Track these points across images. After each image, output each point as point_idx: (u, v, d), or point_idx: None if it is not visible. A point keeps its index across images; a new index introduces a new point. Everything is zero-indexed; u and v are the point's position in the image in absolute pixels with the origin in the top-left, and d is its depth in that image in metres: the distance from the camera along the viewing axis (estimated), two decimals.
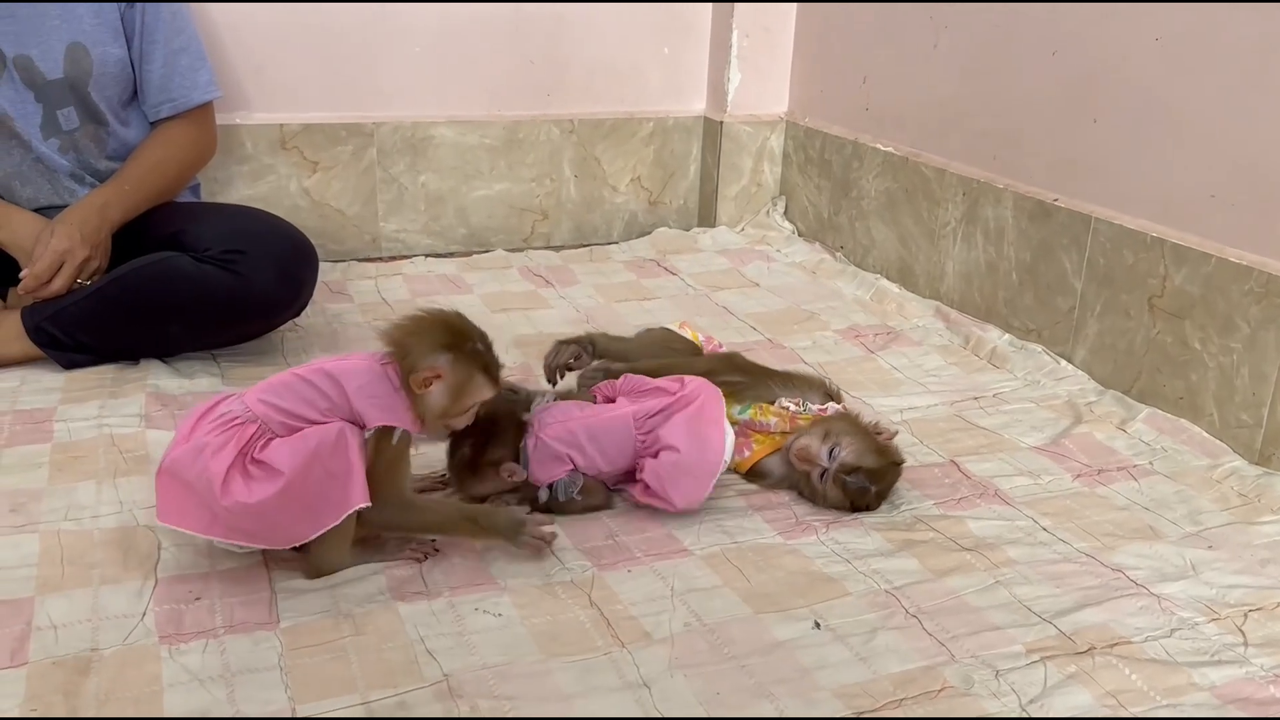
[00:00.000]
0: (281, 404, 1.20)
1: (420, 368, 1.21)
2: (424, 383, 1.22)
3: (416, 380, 1.21)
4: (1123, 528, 1.44)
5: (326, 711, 1.05)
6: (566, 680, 1.10)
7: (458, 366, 1.23)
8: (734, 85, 2.68)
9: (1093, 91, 1.92)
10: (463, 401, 1.25)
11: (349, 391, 1.20)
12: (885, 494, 1.47)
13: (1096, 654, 1.16)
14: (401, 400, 1.22)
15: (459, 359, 1.23)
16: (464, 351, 1.23)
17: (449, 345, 1.23)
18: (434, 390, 1.23)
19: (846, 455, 1.43)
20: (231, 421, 1.19)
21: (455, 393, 1.24)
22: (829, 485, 1.43)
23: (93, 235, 1.73)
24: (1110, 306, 1.88)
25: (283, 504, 1.16)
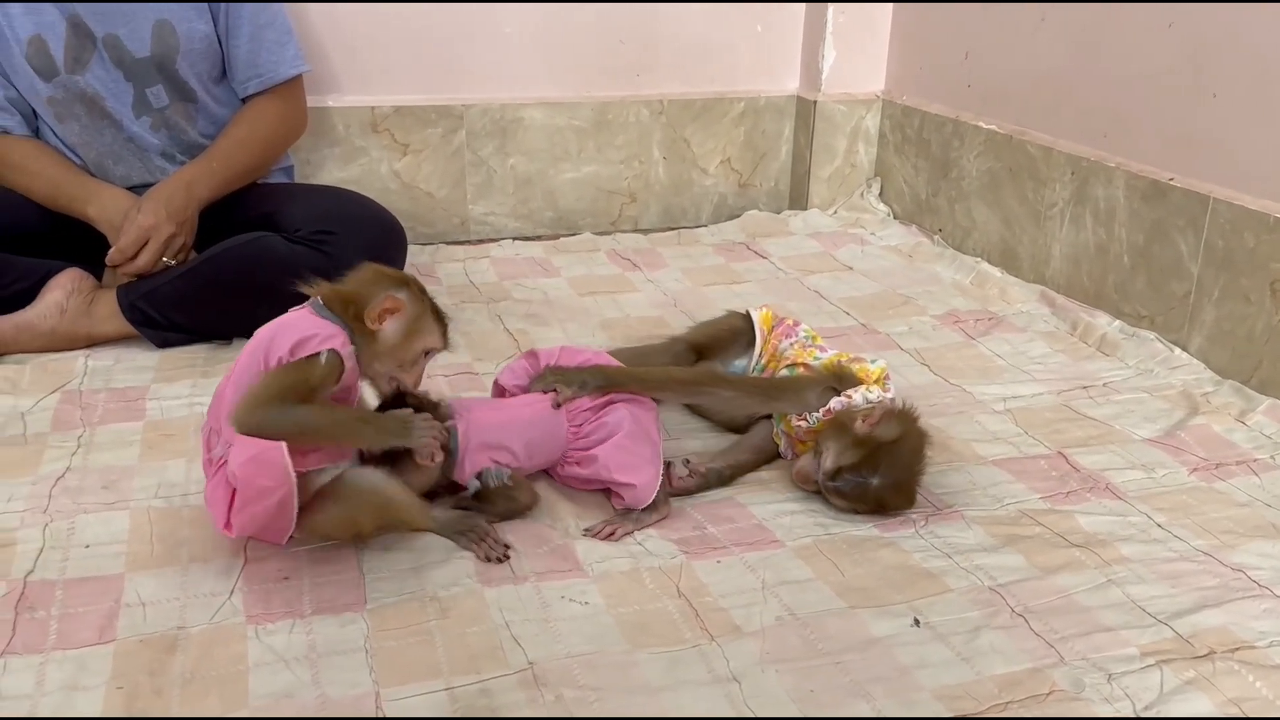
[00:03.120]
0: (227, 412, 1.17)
1: (376, 298, 1.20)
2: (379, 316, 1.20)
3: (372, 314, 1.20)
4: (1243, 525, 1.35)
5: (410, 695, 1.03)
6: (653, 672, 1.07)
7: (415, 302, 1.23)
8: (828, 63, 2.61)
9: (1211, 64, 1.81)
10: (414, 343, 1.24)
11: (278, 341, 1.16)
12: (903, 479, 1.34)
13: (1217, 658, 1.09)
14: (330, 329, 1.18)
15: (416, 296, 1.24)
16: (420, 292, 1.25)
17: (405, 282, 1.25)
18: (388, 325, 1.21)
19: (826, 461, 1.33)
20: (218, 465, 1.17)
21: (409, 329, 1.23)
22: (831, 497, 1.35)
23: (179, 212, 1.74)
24: (1229, 291, 1.78)
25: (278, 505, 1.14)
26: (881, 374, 1.47)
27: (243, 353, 1.20)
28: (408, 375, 1.26)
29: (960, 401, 1.70)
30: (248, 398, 1.14)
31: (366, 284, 1.23)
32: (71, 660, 1.06)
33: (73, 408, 1.58)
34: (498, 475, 1.31)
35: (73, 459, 1.44)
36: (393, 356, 1.23)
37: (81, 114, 1.82)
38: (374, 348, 1.22)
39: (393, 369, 1.24)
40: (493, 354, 1.82)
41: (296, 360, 1.15)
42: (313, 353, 1.16)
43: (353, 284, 1.23)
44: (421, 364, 1.27)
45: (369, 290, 1.21)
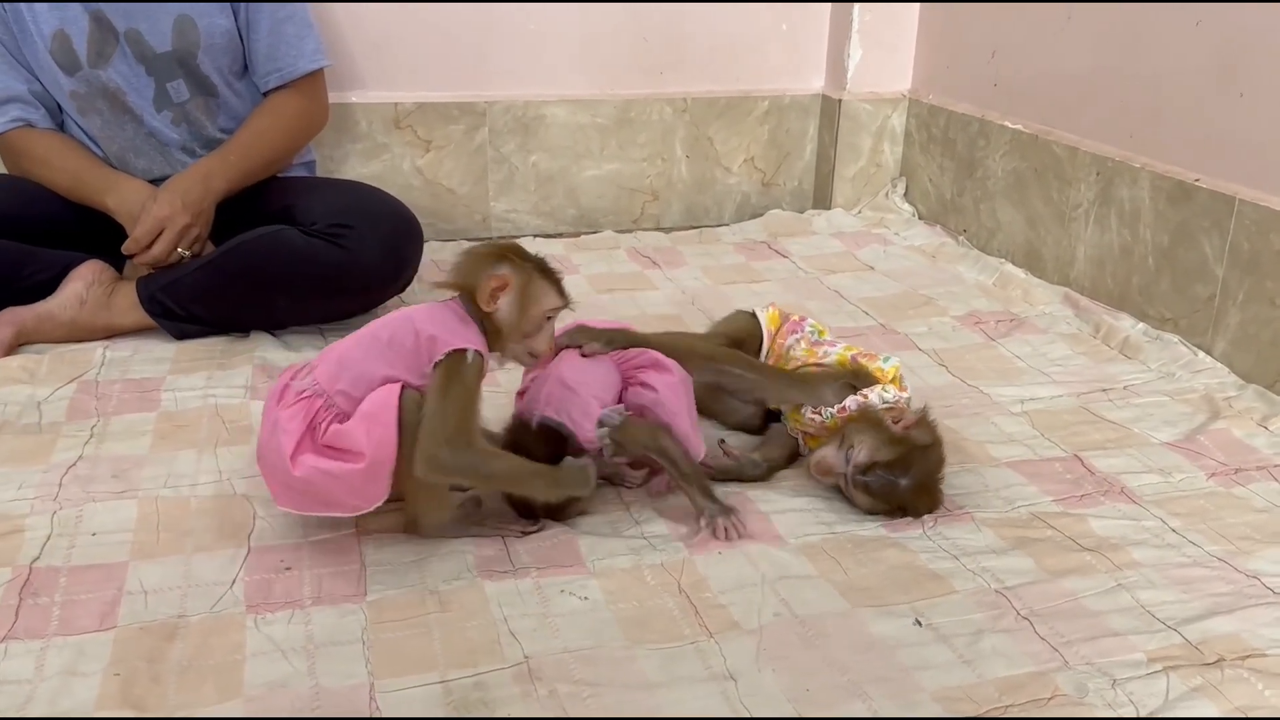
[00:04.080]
0: (342, 372, 1.19)
1: (483, 280, 1.20)
2: (492, 297, 1.21)
3: (484, 296, 1.20)
4: (1261, 531, 1.32)
5: (404, 687, 1.03)
6: (650, 668, 1.06)
7: (519, 271, 1.22)
8: (854, 62, 2.59)
9: (1240, 64, 1.78)
10: (534, 310, 1.23)
11: (418, 327, 1.19)
12: (930, 484, 1.33)
13: (1226, 666, 1.07)
14: (469, 326, 1.21)
15: (518, 264, 1.23)
16: (522, 258, 1.24)
17: (504, 256, 1.24)
18: (503, 303, 1.21)
19: (859, 455, 1.31)
20: (300, 396, 1.18)
21: (524, 300, 1.22)
22: (854, 492, 1.33)
23: (195, 203, 1.75)
24: (1254, 295, 1.75)
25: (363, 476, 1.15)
26: (896, 373, 1.46)
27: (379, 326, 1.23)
28: (540, 343, 1.26)
29: (977, 403, 1.68)
30: (444, 430, 1.15)
31: (469, 270, 1.23)
32: (71, 646, 1.07)
33: (88, 397, 1.60)
34: (609, 416, 1.29)
35: (85, 448, 1.45)
36: (518, 331, 1.24)
37: (104, 108, 1.84)
38: (498, 329, 1.23)
39: (523, 343, 1.25)
40: None
41: (452, 363, 1.17)
42: (460, 349, 1.18)
43: (457, 275, 1.24)
44: (549, 328, 1.27)
45: (473, 276, 1.22)
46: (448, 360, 1.18)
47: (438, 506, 1.24)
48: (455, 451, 1.16)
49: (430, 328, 1.19)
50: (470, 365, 1.18)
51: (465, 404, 1.17)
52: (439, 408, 1.16)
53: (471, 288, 1.21)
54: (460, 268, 1.24)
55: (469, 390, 1.18)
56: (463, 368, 1.18)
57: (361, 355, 1.20)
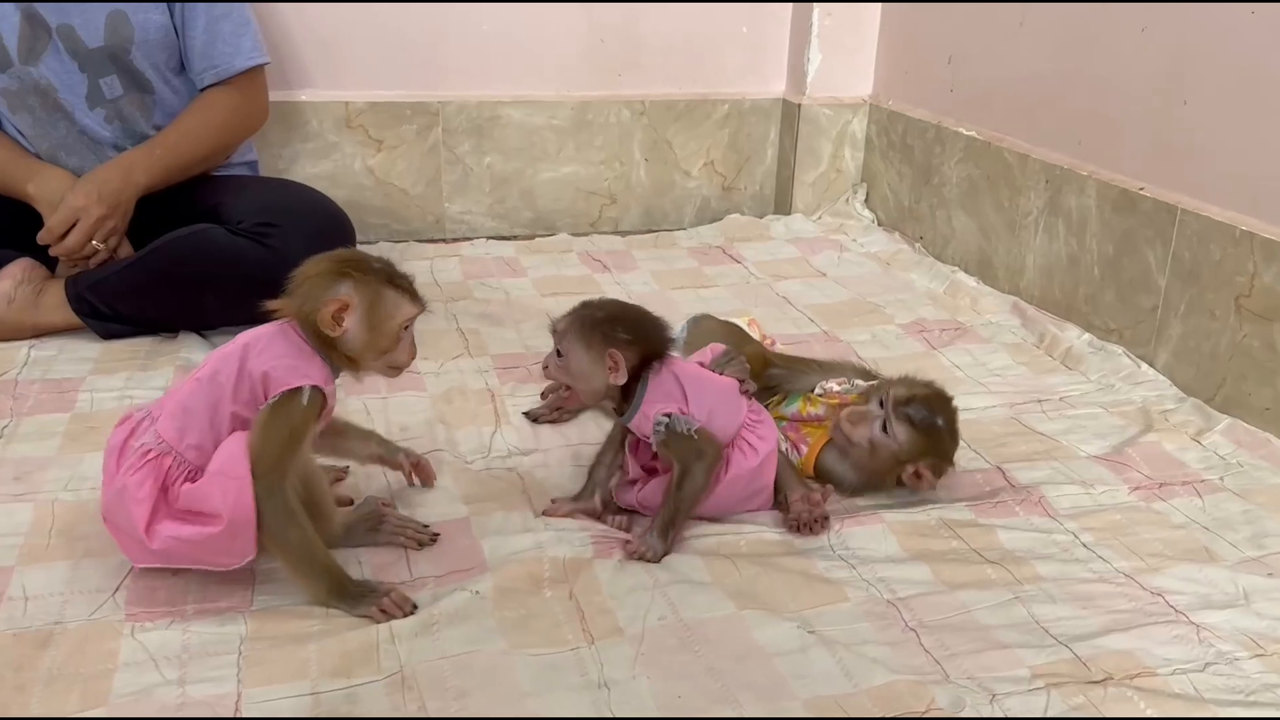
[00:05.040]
0: (188, 423, 1.12)
1: (323, 305, 1.10)
2: (334, 320, 1.10)
3: (325, 321, 1.10)
4: (1174, 548, 1.30)
5: (272, 699, 1.01)
6: (525, 676, 1.04)
7: (362, 288, 1.11)
8: (814, 66, 2.57)
9: (1184, 70, 1.76)
10: (386, 327, 1.13)
11: (249, 365, 1.11)
12: (954, 426, 1.38)
13: (1111, 685, 1.04)
14: (306, 356, 1.12)
15: (361, 280, 1.12)
16: (364, 272, 1.13)
17: (343, 272, 1.12)
18: (349, 325, 1.11)
19: (895, 393, 1.36)
20: (146, 457, 1.11)
21: (371, 318, 1.12)
22: (895, 427, 1.34)
23: (112, 196, 1.73)
24: (1195, 306, 1.73)
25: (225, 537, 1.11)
26: None
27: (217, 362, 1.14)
28: (400, 356, 1.17)
29: None
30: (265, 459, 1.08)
31: (305, 295, 1.12)
32: None
33: (6, 397, 1.58)
34: (686, 423, 1.23)
35: None
36: (373, 350, 1.15)
37: (35, 105, 1.82)
38: (347, 352, 1.14)
39: (381, 359, 1.17)
40: (439, 354, 1.80)
41: (282, 401, 1.09)
42: (294, 388, 1.10)
43: (297, 296, 1.13)
44: (408, 338, 1.17)
45: (309, 301, 1.11)
46: (280, 398, 1.09)
47: (325, 518, 1.20)
48: (264, 489, 1.08)
49: (263, 364, 1.11)
50: (303, 404, 1.10)
51: (285, 441, 1.09)
52: (257, 441, 1.09)
53: (310, 315, 1.11)
54: (295, 291, 1.13)
55: (294, 428, 1.10)
56: (292, 406, 1.09)
57: (205, 401, 1.12)
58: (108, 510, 1.14)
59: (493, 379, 1.72)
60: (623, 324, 1.25)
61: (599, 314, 1.26)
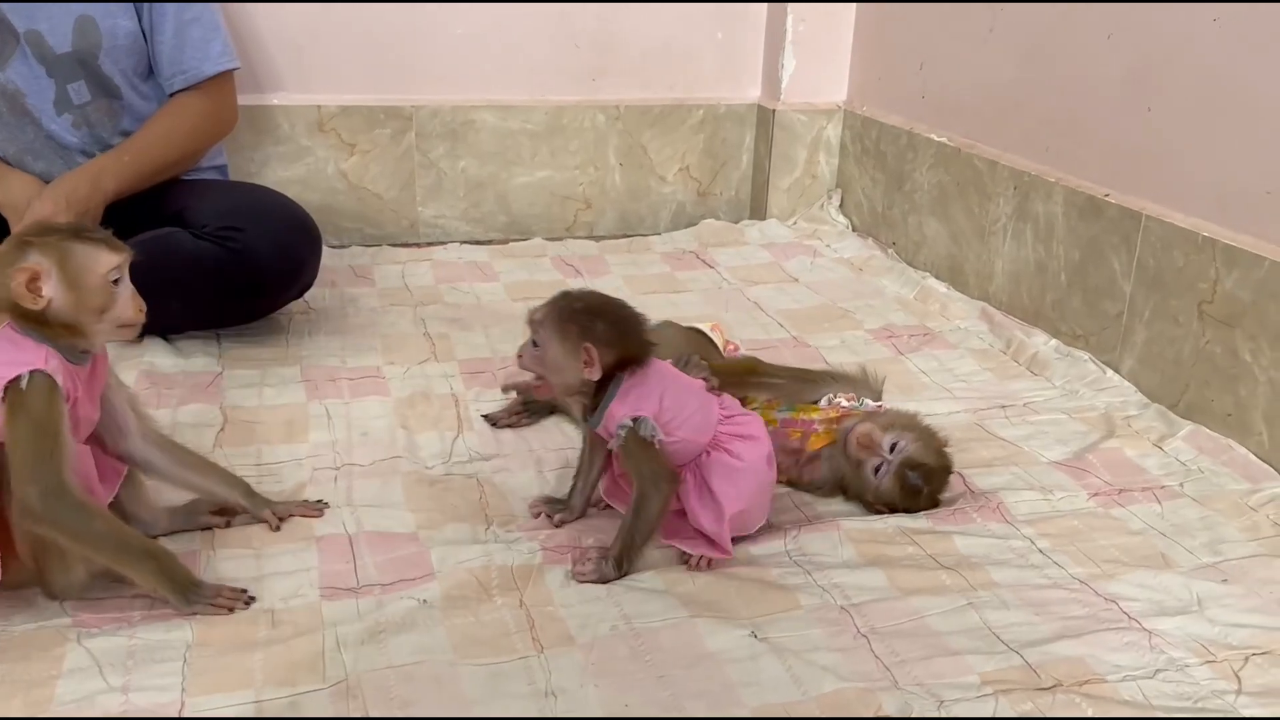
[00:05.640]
0: None
1: (11, 280, 1.04)
2: (30, 291, 1.04)
3: (21, 295, 1.04)
4: (1130, 554, 1.30)
5: (216, 709, 1.00)
6: (472, 685, 1.04)
7: (47, 250, 1.06)
8: (788, 72, 2.58)
9: (1148, 77, 1.77)
10: (87, 281, 1.07)
11: None
12: (936, 496, 1.40)
13: (1060, 691, 1.04)
14: (20, 345, 1.06)
15: (44, 244, 1.06)
16: (44, 233, 1.08)
17: (25, 242, 1.07)
18: (48, 291, 1.05)
19: (912, 450, 1.36)
20: None
21: (69, 277, 1.06)
22: (887, 479, 1.35)
23: (80, 203, 1.72)
24: (1159, 312, 1.73)
25: None
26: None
27: None
28: (123, 310, 1.11)
29: None
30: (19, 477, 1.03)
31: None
32: None
33: None
34: (652, 428, 1.20)
35: None
36: (89, 310, 1.08)
37: (2, 110, 1.81)
38: (65, 319, 1.07)
39: (104, 319, 1.10)
40: (406, 357, 1.80)
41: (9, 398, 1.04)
42: (10, 381, 1.04)
43: None
44: (124, 290, 1.11)
45: (1, 278, 1.06)
46: (7, 398, 1.04)
47: (63, 563, 1.11)
48: (45, 497, 1.03)
49: None
50: (31, 390, 1.04)
51: (39, 435, 1.04)
52: (12, 450, 1.04)
53: (3, 295, 1.05)
54: None
55: (39, 418, 1.04)
56: (22, 397, 1.04)
57: None
58: None
59: (458, 384, 1.72)
60: (602, 319, 1.22)
61: (577, 305, 1.22)
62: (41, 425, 1.04)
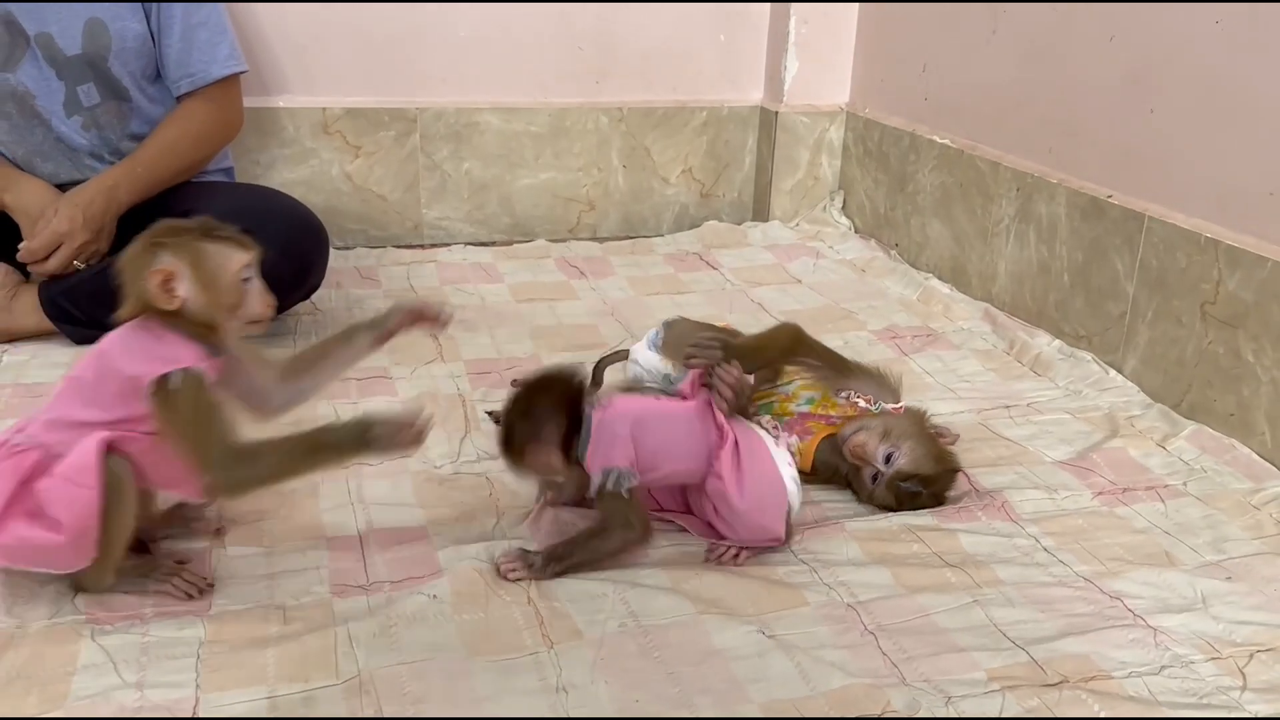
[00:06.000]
0: (64, 416, 1.11)
1: (147, 282, 1.08)
2: (165, 292, 1.08)
3: (157, 296, 1.08)
4: (1135, 552, 1.31)
5: (230, 704, 1.01)
6: (483, 681, 1.05)
7: (180, 251, 1.09)
8: (790, 74, 2.59)
9: (1150, 79, 1.78)
10: (221, 281, 1.11)
11: (118, 363, 1.09)
12: (941, 496, 1.41)
13: (1066, 688, 1.05)
14: (166, 341, 1.09)
15: (176, 243, 1.10)
16: (176, 234, 1.11)
17: (157, 243, 1.10)
18: (183, 291, 1.09)
19: (904, 462, 1.36)
20: (13, 450, 1.10)
21: (203, 277, 1.09)
22: (879, 489, 1.37)
23: (96, 218, 1.74)
24: (1162, 313, 1.74)
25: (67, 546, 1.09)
26: None
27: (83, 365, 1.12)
28: (253, 307, 1.15)
29: None
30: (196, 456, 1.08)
31: (129, 279, 1.11)
32: None
33: None
34: (621, 479, 1.19)
35: None
36: (219, 308, 1.12)
37: (12, 112, 1.82)
38: (198, 318, 1.11)
39: (236, 316, 1.13)
40: (412, 359, 1.81)
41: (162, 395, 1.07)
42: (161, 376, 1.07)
43: (126, 284, 1.11)
44: (254, 288, 1.15)
45: (134, 284, 1.10)
46: (157, 393, 1.07)
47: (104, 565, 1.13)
48: (227, 471, 1.09)
49: (126, 364, 1.09)
50: (184, 385, 1.08)
51: (203, 423, 1.08)
52: (181, 442, 1.08)
53: (142, 296, 1.09)
54: (123, 281, 1.11)
55: (198, 409, 1.08)
56: (177, 393, 1.08)
57: (69, 402, 1.11)
58: None
59: (464, 384, 1.73)
60: (530, 421, 1.20)
61: (511, 430, 1.21)
62: (197, 416, 1.08)
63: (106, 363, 1.10)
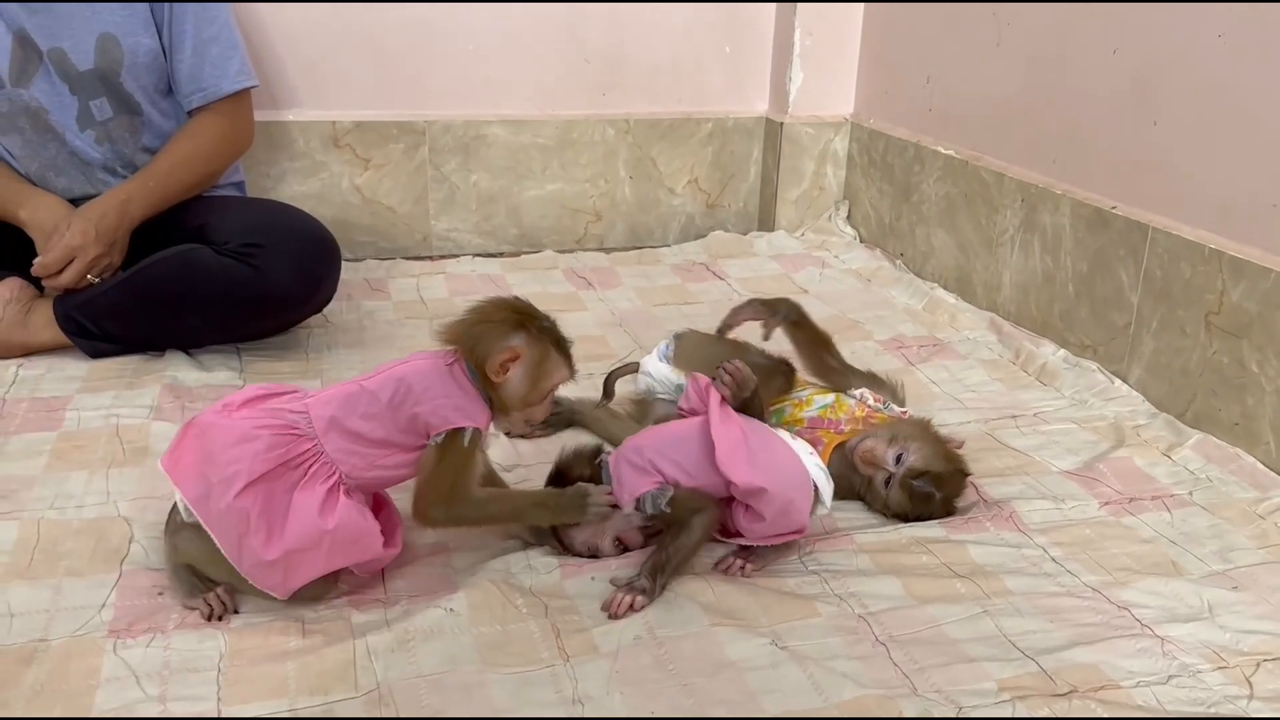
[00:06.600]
0: (343, 421, 1.15)
1: (495, 352, 1.15)
2: (501, 368, 1.16)
3: (493, 367, 1.15)
4: (1142, 562, 1.33)
5: (250, 715, 1.03)
6: (500, 693, 1.06)
7: (533, 344, 1.17)
8: (795, 85, 2.61)
9: (1153, 91, 1.80)
10: (542, 385, 1.19)
11: (418, 396, 1.15)
12: (951, 503, 1.42)
13: (1076, 697, 1.07)
14: (471, 397, 1.17)
15: (533, 336, 1.18)
16: (536, 328, 1.19)
17: (520, 324, 1.18)
18: (512, 375, 1.17)
19: (914, 460, 1.38)
20: (288, 428, 1.15)
21: (534, 374, 1.18)
22: (894, 490, 1.38)
23: (109, 233, 1.76)
24: (1167, 323, 1.76)
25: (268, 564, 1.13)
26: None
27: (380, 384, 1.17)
28: (538, 413, 1.23)
29: None
30: (436, 493, 1.16)
31: (481, 338, 1.17)
32: None
33: None
34: (656, 499, 1.23)
35: None
36: (522, 402, 1.19)
37: (25, 127, 1.84)
38: (501, 398, 1.18)
39: (524, 411, 1.21)
40: None
41: (451, 441, 1.15)
42: (457, 428, 1.15)
43: (469, 334, 1.17)
44: (549, 401, 1.23)
45: (486, 344, 1.16)
46: (445, 441, 1.15)
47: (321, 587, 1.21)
48: (448, 509, 1.17)
49: (426, 406, 1.15)
50: (464, 445, 1.16)
51: (459, 471, 1.16)
52: (433, 474, 1.16)
53: (482, 358, 1.16)
54: (470, 330, 1.17)
55: (464, 460, 1.16)
56: (455, 446, 1.15)
57: (351, 409, 1.16)
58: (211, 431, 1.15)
59: None
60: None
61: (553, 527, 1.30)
62: (462, 470, 1.16)
63: (405, 392, 1.15)
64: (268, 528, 1.12)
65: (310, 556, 1.13)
